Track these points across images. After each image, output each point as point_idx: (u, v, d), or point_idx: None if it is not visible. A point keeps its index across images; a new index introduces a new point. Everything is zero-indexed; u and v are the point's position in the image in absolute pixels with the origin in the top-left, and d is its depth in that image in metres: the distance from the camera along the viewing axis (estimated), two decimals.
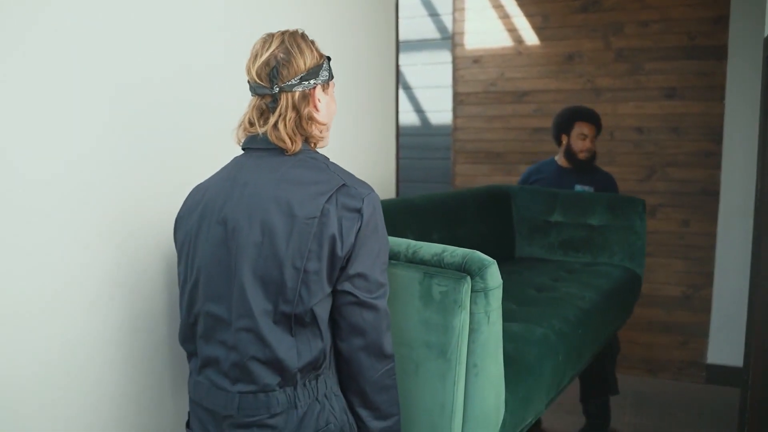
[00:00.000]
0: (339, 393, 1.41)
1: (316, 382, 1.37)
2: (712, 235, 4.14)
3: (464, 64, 4.73)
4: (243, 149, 1.46)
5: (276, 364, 1.32)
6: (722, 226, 4.10)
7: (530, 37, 4.53)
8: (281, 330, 1.32)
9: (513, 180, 4.59)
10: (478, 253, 1.54)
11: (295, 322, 1.32)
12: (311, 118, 1.41)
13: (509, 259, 3.29)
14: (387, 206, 2.40)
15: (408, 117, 4.99)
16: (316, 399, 1.36)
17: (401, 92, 4.96)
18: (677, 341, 4.29)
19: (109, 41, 1.59)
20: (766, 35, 2.64)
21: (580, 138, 3.42)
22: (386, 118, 3.12)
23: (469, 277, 1.51)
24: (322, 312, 1.34)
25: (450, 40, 4.81)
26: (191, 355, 1.49)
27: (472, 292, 1.50)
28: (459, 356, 1.51)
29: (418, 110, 5.01)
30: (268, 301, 1.31)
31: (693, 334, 4.24)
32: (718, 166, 4.10)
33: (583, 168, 3.47)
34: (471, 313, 1.51)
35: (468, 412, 1.55)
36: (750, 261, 2.74)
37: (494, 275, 1.53)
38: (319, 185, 1.33)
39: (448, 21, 4.85)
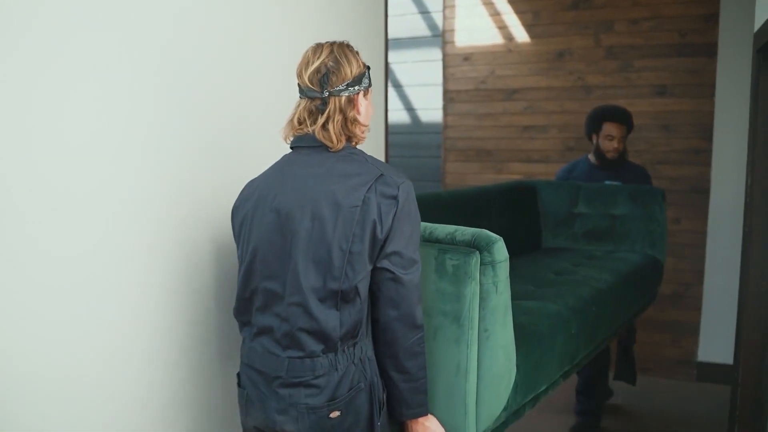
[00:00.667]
0: (372, 357, 1.60)
1: (354, 348, 1.56)
2: (702, 233, 4.14)
3: (454, 62, 4.71)
4: (291, 147, 1.64)
5: (321, 335, 1.52)
6: (712, 224, 4.10)
7: (521, 35, 4.52)
8: (327, 306, 1.52)
9: (503, 178, 4.58)
10: (486, 231, 1.71)
11: (341, 298, 1.51)
12: (355, 120, 1.59)
13: (536, 249, 3.43)
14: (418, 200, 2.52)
15: (398, 115, 4.97)
16: (353, 362, 1.56)
17: (391, 90, 4.94)
18: (668, 339, 4.28)
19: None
20: (755, 31, 2.63)
21: (607, 139, 3.48)
22: (375, 116, 3.07)
23: (478, 252, 1.68)
24: (364, 288, 1.53)
25: (440, 37, 4.79)
26: (244, 324, 1.69)
27: (480, 265, 1.67)
28: (471, 322, 1.67)
29: (409, 108, 4.99)
30: (318, 279, 1.51)
31: (684, 332, 4.24)
32: (708, 164, 4.10)
33: (613, 165, 3.53)
34: (480, 284, 1.68)
35: (481, 372, 1.71)
36: (740, 258, 2.73)
37: (501, 250, 1.69)
38: (360, 177, 1.52)
39: (438, 18, 4.82)
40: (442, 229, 1.78)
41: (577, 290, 2.52)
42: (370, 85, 1.63)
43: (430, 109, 4.89)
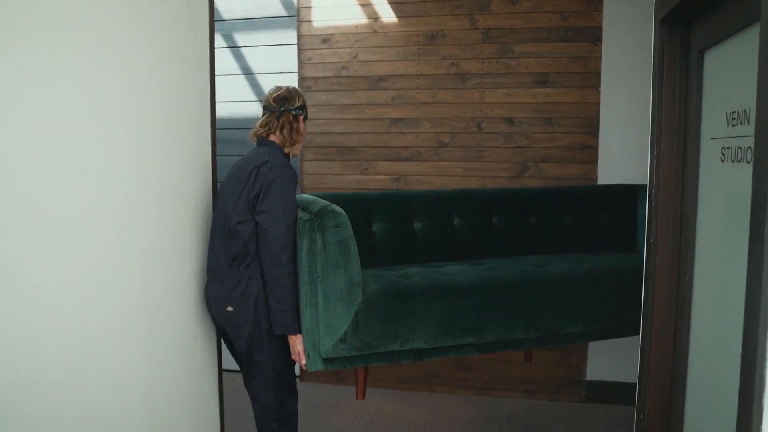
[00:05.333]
0: (258, 279, 2.42)
1: (245, 270, 2.42)
2: None
3: (312, 44, 4.07)
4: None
5: (225, 254, 2.45)
6: None
7: (387, 13, 3.95)
8: (227, 235, 2.44)
9: (368, 179, 3.98)
10: (332, 205, 2.38)
11: (229, 232, 2.43)
12: (297, 131, 2.55)
13: (629, 251, 3.31)
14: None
15: (249, 107, 4.28)
16: (243, 279, 2.42)
17: (242, 79, 4.34)
18: (556, 358, 3.86)
19: None
20: None
21: None
22: (201, 110, 2.59)
23: (316, 220, 2.34)
24: (242, 229, 2.41)
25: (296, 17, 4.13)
26: None
27: (317, 228, 2.33)
28: (309, 268, 2.35)
29: (262, 99, 4.29)
30: (225, 219, 2.46)
31: (572, 349, 3.84)
32: (594, 161, 3.72)
33: None
34: (314, 242, 2.34)
35: (320, 304, 2.36)
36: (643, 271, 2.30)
37: (330, 219, 2.33)
38: (256, 160, 2.45)
39: None
40: (314, 203, 2.45)
41: (510, 276, 2.70)
42: (306, 117, 2.58)
43: None
